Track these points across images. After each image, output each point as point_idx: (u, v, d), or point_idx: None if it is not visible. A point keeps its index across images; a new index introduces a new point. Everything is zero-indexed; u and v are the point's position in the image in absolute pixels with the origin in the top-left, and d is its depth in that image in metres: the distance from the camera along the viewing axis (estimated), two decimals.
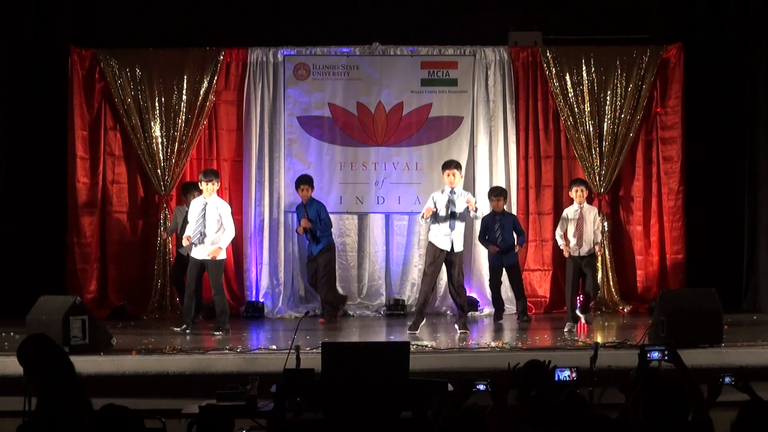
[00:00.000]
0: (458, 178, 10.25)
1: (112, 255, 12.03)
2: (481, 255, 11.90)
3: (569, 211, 10.76)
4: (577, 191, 10.72)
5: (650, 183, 12.25)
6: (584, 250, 10.58)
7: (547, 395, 5.18)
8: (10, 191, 12.14)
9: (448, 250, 10.12)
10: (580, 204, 10.66)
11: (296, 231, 11.63)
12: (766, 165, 11.84)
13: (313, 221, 11.29)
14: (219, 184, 10.42)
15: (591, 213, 10.70)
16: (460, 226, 10.17)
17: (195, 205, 10.32)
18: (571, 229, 10.63)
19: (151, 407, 7.00)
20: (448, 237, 10.11)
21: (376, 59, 12.26)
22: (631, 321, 11.32)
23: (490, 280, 11.48)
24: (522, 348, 8.88)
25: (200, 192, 10.45)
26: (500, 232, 11.19)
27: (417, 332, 10.08)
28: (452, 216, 10.09)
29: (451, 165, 10.31)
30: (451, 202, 10.10)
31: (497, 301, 11.41)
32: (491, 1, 12.69)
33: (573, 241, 10.56)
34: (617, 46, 12.11)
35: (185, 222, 10.63)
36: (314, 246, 11.38)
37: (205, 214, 10.14)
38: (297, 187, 11.49)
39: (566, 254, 10.66)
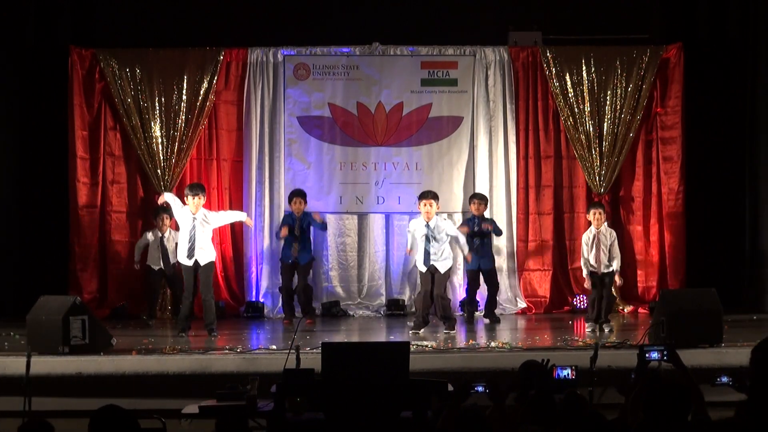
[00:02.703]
0: (434, 208, 10.27)
1: (112, 255, 12.02)
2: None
3: (587, 236, 10.48)
4: (595, 214, 10.43)
5: (650, 183, 12.25)
6: (603, 269, 10.44)
7: (547, 394, 5.18)
8: (11, 191, 12.13)
9: (429, 271, 10.22)
10: (598, 228, 10.40)
11: (278, 235, 11.53)
12: (767, 165, 11.84)
13: (305, 232, 11.28)
14: (205, 198, 10.28)
15: (608, 237, 10.42)
16: (438, 255, 10.18)
17: (184, 221, 10.10)
18: (586, 252, 10.43)
19: (151, 407, 7.00)
20: (426, 265, 10.21)
21: (376, 59, 12.27)
22: (631, 321, 11.32)
23: (468, 284, 11.43)
24: (522, 348, 8.88)
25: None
26: (481, 245, 11.14)
27: (420, 332, 10.11)
28: (427, 251, 10.17)
29: (428, 195, 10.34)
30: (427, 239, 10.16)
31: (471, 302, 11.35)
32: (491, 1, 12.70)
33: (592, 261, 10.40)
34: (617, 46, 12.11)
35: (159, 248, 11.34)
36: (301, 255, 11.22)
37: (194, 231, 9.98)
38: (290, 200, 11.39)
39: (586, 285, 10.62)
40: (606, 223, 10.55)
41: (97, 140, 12.05)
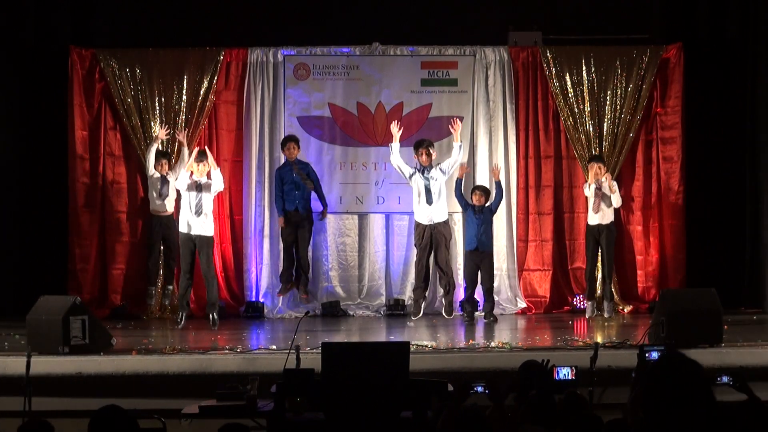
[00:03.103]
0: (434, 156, 10.98)
1: (112, 255, 12.02)
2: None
3: (591, 191, 11.12)
4: (595, 167, 11.15)
5: (650, 183, 12.25)
6: (601, 220, 10.93)
7: (547, 394, 5.18)
8: (11, 191, 12.13)
9: (430, 223, 10.84)
10: (599, 179, 11.01)
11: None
12: (767, 165, 11.83)
13: (305, 180, 11.34)
14: (209, 165, 10.75)
15: (606, 184, 11.11)
16: (438, 198, 10.90)
17: (185, 184, 10.58)
18: (591, 202, 10.91)
19: (151, 407, 7.00)
20: (427, 213, 10.87)
21: (376, 59, 12.27)
22: (631, 321, 11.32)
23: (465, 272, 11.42)
24: (522, 348, 8.88)
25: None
26: (482, 226, 11.20)
27: (419, 316, 10.32)
28: (428, 193, 10.88)
29: (423, 144, 11.06)
30: (427, 179, 10.89)
31: (470, 297, 11.36)
32: (491, 1, 12.70)
33: (591, 213, 10.88)
34: (617, 46, 12.11)
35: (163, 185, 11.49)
36: (303, 203, 11.36)
37: (199, 193, 10.46)
38: (284, 146, 11.46)
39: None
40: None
41: (97, 140, 12.04)
